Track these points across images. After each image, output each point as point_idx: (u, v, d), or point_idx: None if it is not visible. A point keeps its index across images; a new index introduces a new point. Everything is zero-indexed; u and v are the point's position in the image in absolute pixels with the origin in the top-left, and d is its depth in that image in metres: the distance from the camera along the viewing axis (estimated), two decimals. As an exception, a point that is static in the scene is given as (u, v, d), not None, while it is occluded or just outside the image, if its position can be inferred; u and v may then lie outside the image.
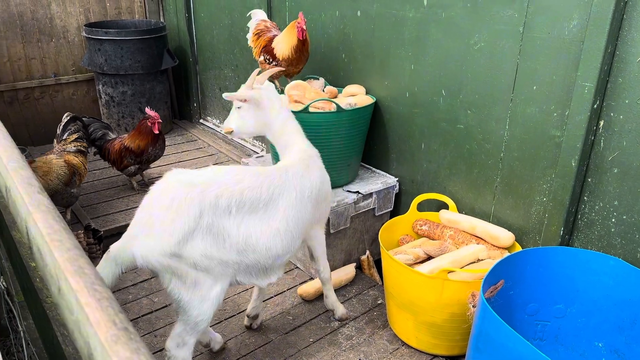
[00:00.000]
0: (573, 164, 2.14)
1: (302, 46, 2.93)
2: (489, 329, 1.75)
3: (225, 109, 4.73)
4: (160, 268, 1.83)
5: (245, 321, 2.60)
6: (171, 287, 1.88)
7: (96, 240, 2.84)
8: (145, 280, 2.96)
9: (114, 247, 1.83)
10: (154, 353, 2.39)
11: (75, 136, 3.35)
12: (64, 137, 3.35)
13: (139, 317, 2.67)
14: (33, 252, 1.07)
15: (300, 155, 2.23)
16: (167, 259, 1.80)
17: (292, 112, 2.73)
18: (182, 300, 1.89)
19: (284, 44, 2.96)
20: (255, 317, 2.58)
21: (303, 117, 2.73)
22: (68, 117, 3.40)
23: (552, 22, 2.15)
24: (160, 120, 3.50)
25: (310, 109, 2.74)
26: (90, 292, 0.81)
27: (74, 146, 3.31)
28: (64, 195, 3.13)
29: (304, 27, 2.89)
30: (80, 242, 2.70)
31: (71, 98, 5.01)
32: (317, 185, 2.18)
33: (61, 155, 3.20)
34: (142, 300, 2.79)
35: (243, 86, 2.26)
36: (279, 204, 2.03)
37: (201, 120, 5.13)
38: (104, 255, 1.82)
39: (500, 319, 1.66)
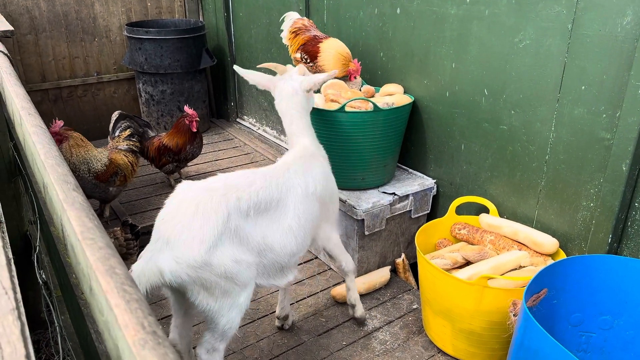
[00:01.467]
0: (624, 168, 2.03)
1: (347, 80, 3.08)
2: (531, 340, 1.67)
3: (261, 108, 4.74)
4: (189, 281, 1.74)
5: (277, 322, 2.58)
6: (199, 300, 1.80)
7: (133, 236, 2.87)
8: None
9: (137, 266, 1.71)
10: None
11: (127, 133, 3.40)
12: (116, 135, 3.40)
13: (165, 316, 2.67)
14: (67, 250, 1.07)
15: (301, 152, 2.20)
16: (198, 269, 1.72)
17: (330, 111, 2.71)
18: (210, 311, 1.83)
19: (331, 65, 2.97)
20: (286, 317, 2.56)
21: (339, 116, 2.69)
22: (117, 115, 3.45)
23: (603, 18, 2.04)
24: (197, 119, 3.52)
25: (347, 108, 2.69)
26: (120, 293, 0.80)
27: (126, 144, 3.36)
28: (95, 190, 3.16)
29: (356, 70, 3.03)
30: (117, 237, 2.74)
31: (112, 96, 5.12)
32: (320, 182, 2.14)
33: (110, 151, 3.24)
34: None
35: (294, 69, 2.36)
36: (288, 202, 2.01)
37: (238, 120, 5.16)
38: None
39: (543, 329, 1.58)
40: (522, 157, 2.48)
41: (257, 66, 2.29)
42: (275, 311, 2.70)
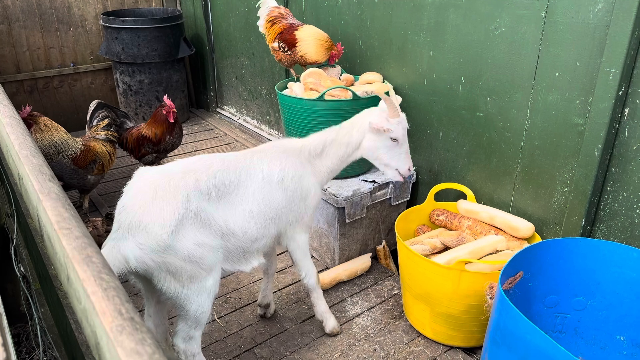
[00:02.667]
0: (596, 153, 2.08)
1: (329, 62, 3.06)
2: (507, 322, 1.72)
3: (241, 97, 4.72)
4: (154, 266, 1.75)
5: (258, 310, 2.60)
6: (166, 286, 1.80)
7: None
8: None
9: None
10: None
11: (104, 123, 3.38)
12: (93, 124, 3.37)
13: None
14: (44, 240, 1.07)
15: (287, 149, 2.17)
16: (161, 254, 1.72)
17: (309, 100, 2.72)
18: (178, 297, 1.84)
19: (313, 52, 2.95)
20: (267, 305, 2.58)
21: (319, 105, 2.70)
22: (95, 104, 3.42)
23: (575, 6, 2.08)
24: (175, 110, 3.50)
25: (326, 97, 2.70)
26: (97, 281, 0.80)
27: (104, 134, 3.34)
28: (74, 176, 3.14)
29: (338, 54, 3.02)
30: (97, 227, 2.72)
31: (89, 87, 5.04)
32: (289, 175, 2.09)
33: (88, 139, 3.23)
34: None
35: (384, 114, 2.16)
36: (247, 186, 2.00)
37: (218, 109, 5.13)
38: None
39: (518, 311, 1.63)
40: (498, 143, 2.53)
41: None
42: (257, 299, 2.72)
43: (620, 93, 1.97)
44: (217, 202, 1.91)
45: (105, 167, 3.28)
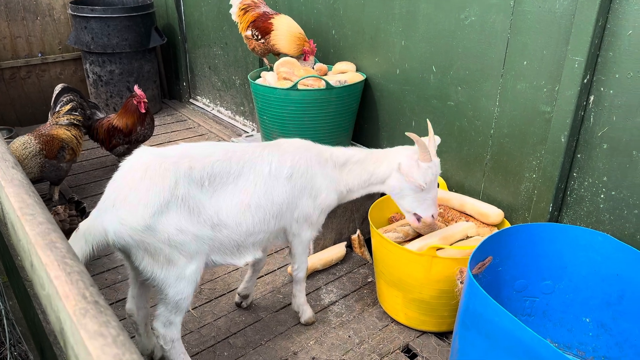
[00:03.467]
0: (563, 140, 2.13)
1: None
2: (476, 305, 1.75)
3: (214, 88, 4.68)
4: (132, 244, 1.76)
5: (236, 298, 2.59)
6: (143, 265, 1.81)
7: (78, 213, 2.81)
8: (135, 260, 2.94)
9: (84, 224, 1.75)
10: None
11: (67, 108, 3.30)
12: (57, 110, 3.29)
13: (119, 300, 2.65)
14: (8, 228, 1.05)
15: (309, 150, 2.15)
16: (140, 233, 1.73)
17: (282, 89, 2.71)
18: (156, 279, 1.84)
19: (285, 44, 2.93)
20: (246, 296, 2.58)
21: (292, 94, 2.70)
22: (60, 88, 3.34)
23: (543, -5, 2.12)
24: (145, 100, 3.45)
25: (299, 86, 2.70)
26: (61, 265, 0.80)
27: (67, 119, 3.26)
28: (50, 169, 3.08)
29: (311, 51, 3.00)
30: (58, 213, 2.67)
31: (58, 77, 4.93)
32: (301, 171, 2.09)
33: (50, 127, 3.15)
34: (132, 280, 2.78)
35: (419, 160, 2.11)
36: (249, 179, 1.99)
37: (191, 100, 5.07)
38: (73, 233, 1.75)
39: (486, 294, 1.66)
40: (468, 131, 2.56)
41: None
42: (235, 289, 2.71)
43: (585, 81, 2.02)
44: (210, 191, 1.90)
45: (76, 151, 3.22)
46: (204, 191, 1.89)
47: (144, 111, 3.45)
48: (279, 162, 2.06)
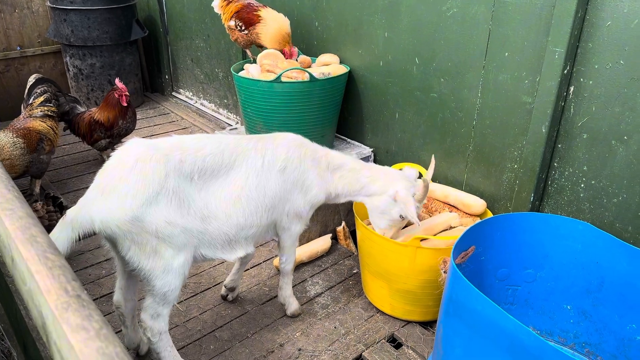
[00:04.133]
0: (543, 130, 2.15)
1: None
2: (459, 294, 1.78)
3: (197, 81, 4.64)
4: (119, 233, 1.75)
5: (223, 290, 2.59)
6: (130, 255, 1.80)
7: (57, 208, 2.78)
8: (119, 255, 2.92)
9: (71, 211, 1.74)
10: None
11: (41, 99, 3.24)
12: (30, 102, 3.24)
13: (113, 292, 2.63)
14: (-13, 223, 1.03)
15: (303, 142, 2.17)
16: (128, 223, 1.73)
17: (266, 82, 2.70)
18: (143, 270, 1.84)
19: (268, 37, 2.91)
20: (232, 289, 2.57)
21: (275, 86, 2.69)
22: (34, 80, 3.27)
23: (523, -14, 2.13)
24: (127, 93, 3.41)
25: (283, 79, 2.69)
26: (42, 260, 0.79)
27: (41, 111, 3.21)
28: (31, 162, 3.04)
29: (291, 54, 2.98)
30: (37, 210, 2.64)
31: (38, 71, 4.84)
32: (294, 164, 2.10)
33: (24, 121, 3.10)
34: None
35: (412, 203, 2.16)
36: (242, 171, 1.99)
37: (174, 93, 5.03)
38: (60, 220, 1.74)
39: (469, 283, 1.68)
40: (451, 123, 2.58)
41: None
42: (220, 282, 2.71)
43: (565, 72, 2.04)
44: (200, 184, 1.90)
45: (53, 142, 3.18)
46: (193, 184, 1.89)
47: (125, 104, 3.41)
48: (272, 154, 2.07)
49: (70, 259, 2.90)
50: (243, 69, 3.01)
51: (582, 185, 2.17)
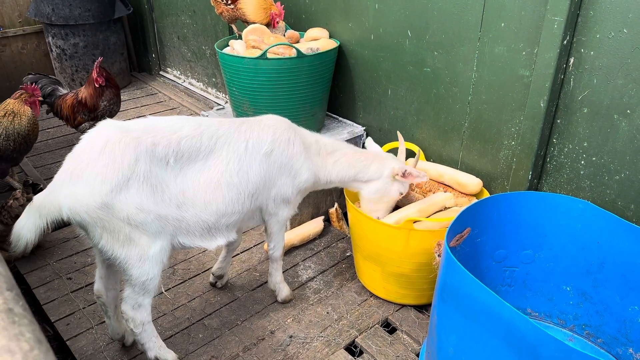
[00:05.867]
0: (542, 105, 2.05)
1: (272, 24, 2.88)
2: (453, 279, 1.69)
3: (185, 59, 4.49)
4: (89, 220, 1.66)
5: (210, 278, 2.51)
6: (102, 244, 1.72)
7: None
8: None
9: (38, 198, 1.66)
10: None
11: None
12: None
13: (89, 284, 2.55)
14: None
15: (292, 125, 2.10)
16: (97, 210, 1.64)
17: (251, 58, 2.57)
18: (117, 259, 1.76)
19: (252, 12, 2.78)
20: (221, 276, 2.49)
21: (261, 63, 2.56)
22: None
23: (521, -49, 2.00)
24: (103, 73, 3.27)
25: (269, 55, 2.56)
26: (-31, 268, 0.69)
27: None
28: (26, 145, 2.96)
29: (279, 13, 2.85)
30: (17, 198, 2.55)
31: (20, 52, 4.69)
32: (281, 147, 2.00)
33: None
34: (102, 263, 2.68)
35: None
36: (222, 155, 1.89)
37: (161, 72, 4.88)
38: (27, 207, 1.65)
39: (463, 268, 1.60)
40: (445, 99, 2.47)
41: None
42: (209, 268, 2.63)
43: (565, 42, 1.93)
44: (177, 169, 1.80)
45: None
46: (169, 169, 1.79)
47: (99, 85, 3.27)
48: (258, 137, 1.96)
49: (56, 247, 2.82)
50: (228, 46, 2.88)
51: (583, 162, 2.07)
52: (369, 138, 2.50)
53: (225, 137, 1.91)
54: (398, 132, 2.40)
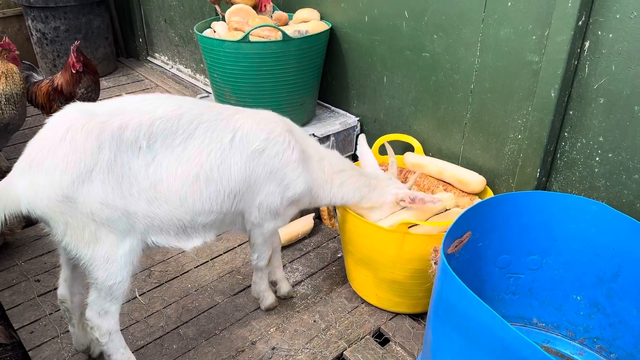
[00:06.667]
0: (552, 95, 1.83)
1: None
2: (450, 293, 1.48)
3: (172, 44, 4.26)
4: (51, 215, 1.49)
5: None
6: (66, 241, 1.54)
7: None
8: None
9: None
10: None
11: None
12: None
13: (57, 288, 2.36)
14: None
15: (297, 132, 1.90)
16: (58, 204, 1.47)
17: (232, 42, 2.36)
18: (82, 258, 1.58)
19: None
20: (274, 283, 2.29)
21: (243, 47, 2.34)
22: None
23: None
24: (74, 59, 3.04)
25: (252, 38, 2.34)
26: None
27: None
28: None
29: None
30: None
31: (0, 36, 4.46)
32: (275, 150, 1.77)
33: None
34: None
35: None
36: (203, 143, 1.67)
37: (149, 58, 4.66)
38: None
39: (462, 283, 1.39)
40: (446, 87, 2.25)
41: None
42: (188, 271, 2.44)
43: (580, 23, 1.70)
44: (149, 157, 1.59)
45: None
46: (142, 156, 1.58)
47: (74, 71, 3.05)
48: (250, 130, 1.74)
49: (26, 245, 2.63)
50: (210, 28, 2.66)
51: (597, 159, 1.85)
52: (362, 136, 2.26)
53: (209, 123, 1.69)
54: (386, 144, 2.21)
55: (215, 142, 1.69)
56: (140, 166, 1.58)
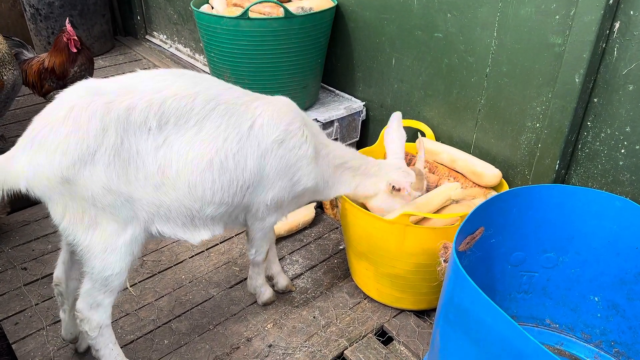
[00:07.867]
0: (577, 80, 1.68)
1: None
2: (462, 297, 1.36)
3: (171, 22, 4.10)
4: (49, 196, 1.42)
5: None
6: (64, 225, 1.46)
7: None
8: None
9: None
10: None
11: None
12: None
13: (47, 275, 2.25)
14: None
15: (309, 122, 1.80)
16: (58, 185, 1.40)
17: (230, 18, 2.21)
18: (79, 245, 1.49)
19: None
20: (271, 277, 2.18)
21: (242, 24, 2.19)
22: None
23: None
24: (76, 37, 2.90)
25: (251, 14, 2.19)
26: None
27: None
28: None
29: None
30: None
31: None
32: (293, 143, 1.67)
33: None
34: (62, 251, 2.37)
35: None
36: (220, 127, 1.55)
37: (147, 37, 4.50)
38: None
39: (477, 287, 1.26)
40: (459, 70, 2.10)
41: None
42: (182, 261, 2.33)
43: (610, 2, 1.55)
44: (160, 139, 1.48)
45: None
46: (151, 138, 1.47)
47: (74, 50, 2.91)
48: (270, 118, 1.62)
49: (13, 231, 2.52)
50: (208, 3, 2.50)
51: (623, 151, 1.72)
52: (398, 115, 2.09)
53: (227, 105, 1.57)
54: (421, 137, 2.10)
55: (233, 127, 1.58)
56: (149, 149, 1.48)
